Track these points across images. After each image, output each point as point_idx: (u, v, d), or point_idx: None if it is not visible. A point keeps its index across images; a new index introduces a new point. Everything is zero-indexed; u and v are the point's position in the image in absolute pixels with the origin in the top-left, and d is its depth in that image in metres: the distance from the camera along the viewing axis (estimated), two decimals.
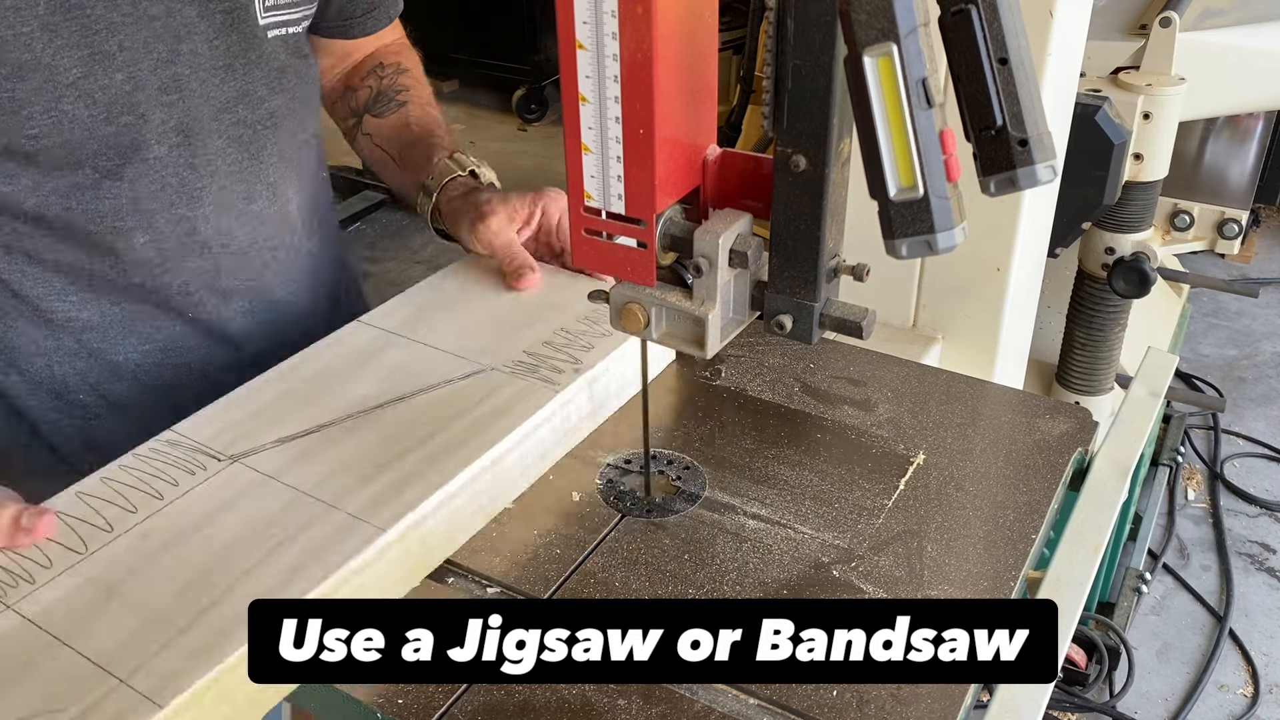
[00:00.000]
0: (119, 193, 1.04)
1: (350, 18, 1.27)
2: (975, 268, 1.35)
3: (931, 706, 0.78)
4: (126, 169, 1.03)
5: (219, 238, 1.12)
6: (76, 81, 0.97)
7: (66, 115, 0.98)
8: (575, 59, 0.71)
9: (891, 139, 0.64)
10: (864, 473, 1.00)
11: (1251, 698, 2.23)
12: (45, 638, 0.76)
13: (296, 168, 1.19)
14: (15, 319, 1.09)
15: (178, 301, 1.14)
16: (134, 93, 1.00)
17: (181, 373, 1.18)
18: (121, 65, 0.99)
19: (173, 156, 1.05)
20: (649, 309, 0.81)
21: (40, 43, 0.94)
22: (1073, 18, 1.26)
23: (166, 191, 1.06)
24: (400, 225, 4.32)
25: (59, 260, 1.06)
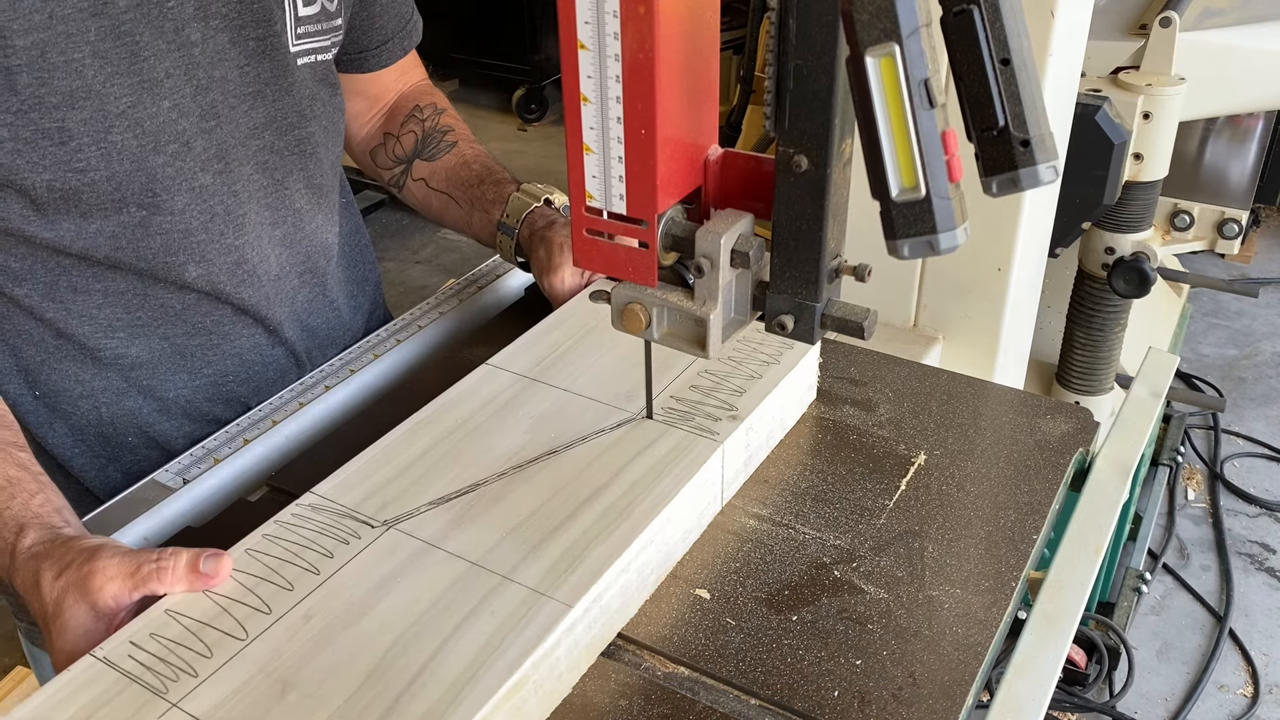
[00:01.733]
0: (169, 227, 1.02)
1: (365, 50, 1.26)
2: (976, 268, 1.35)
3: (933, 706, 0.78)
4: (176, 200, 1.01)
5: (262, 264, 1.11)
6: (126, 111, 0.95)
7: (115, 146, 0.95)
8: (577, 59, 0.71)
9: (893, 139, 0.64)
10: (865, 473, 1.00)
11: (1251, 698, 2.23)
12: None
13: (324, 194, 1.18)
14: (60, 360, 1.06)
15: (225, 332, 1.12)
16: (179, 120, 0.99)
17: (231, 405, 1.17)
18: (168, 93, 0.97)
19: (217, 184, 1.04)
20: (650, 309, 0.81)
21: (92, 70, 0.92)
22: (1074, 18, 1.27)
23: (216, 221, 1.05)
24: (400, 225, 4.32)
25: (106, 294, 1.04)
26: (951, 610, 0.86)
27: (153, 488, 1.01)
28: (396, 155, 1.32)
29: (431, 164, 1.31)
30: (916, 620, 0.85)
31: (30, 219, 0.96)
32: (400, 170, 1.31)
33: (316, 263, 1.19)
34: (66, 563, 0.78)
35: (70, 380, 1.07)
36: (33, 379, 1.07)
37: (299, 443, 1.09)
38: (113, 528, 0.96)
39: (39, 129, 0.91)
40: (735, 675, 0.80)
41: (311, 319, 1.21)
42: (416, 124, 1.31)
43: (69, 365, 1.07)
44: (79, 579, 0.76)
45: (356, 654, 0.75)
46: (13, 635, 2.45)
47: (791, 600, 0.87)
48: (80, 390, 1.08)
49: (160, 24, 0.95)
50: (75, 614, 0.76)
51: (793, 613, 0.86)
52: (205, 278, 1.06)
